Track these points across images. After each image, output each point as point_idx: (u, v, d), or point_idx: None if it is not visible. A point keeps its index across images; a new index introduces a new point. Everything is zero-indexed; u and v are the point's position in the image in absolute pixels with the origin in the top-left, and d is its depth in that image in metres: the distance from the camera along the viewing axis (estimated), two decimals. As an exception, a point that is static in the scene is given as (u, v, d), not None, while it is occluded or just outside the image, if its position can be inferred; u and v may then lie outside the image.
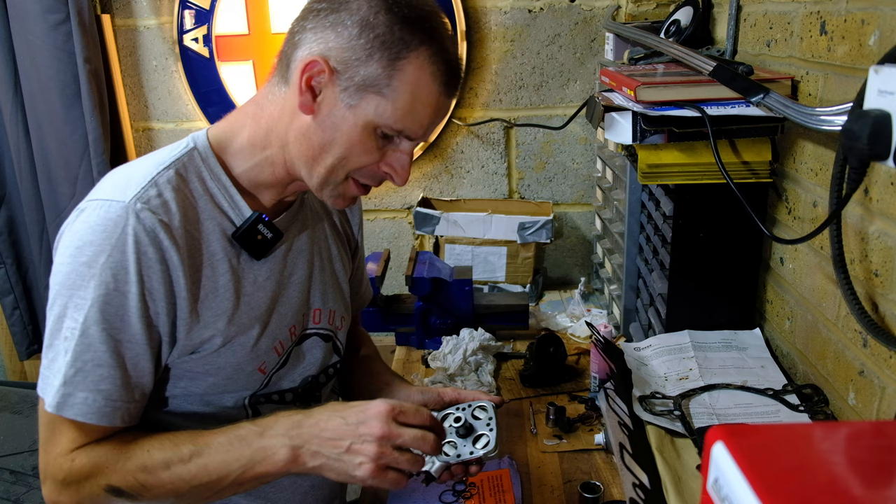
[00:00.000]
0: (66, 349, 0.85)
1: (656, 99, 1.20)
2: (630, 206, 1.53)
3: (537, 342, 1.48)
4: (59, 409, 0.85)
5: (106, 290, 0.84)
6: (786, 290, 1.28)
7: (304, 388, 1.06)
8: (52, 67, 1.89)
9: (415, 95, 0.86)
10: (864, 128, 0.72)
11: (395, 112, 0.86)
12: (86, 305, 0.84)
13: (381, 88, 0.85)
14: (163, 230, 0.86)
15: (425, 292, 1.65)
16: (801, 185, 1.20)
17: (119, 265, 0.84)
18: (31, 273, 2.16)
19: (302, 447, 0.85)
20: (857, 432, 0.56)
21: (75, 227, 0.86)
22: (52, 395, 0.86)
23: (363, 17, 0.84)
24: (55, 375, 0.86)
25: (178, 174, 0.90)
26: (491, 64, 1.99)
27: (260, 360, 0.99)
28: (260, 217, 0.94)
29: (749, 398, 1.17)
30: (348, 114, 0.87)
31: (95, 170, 1.97)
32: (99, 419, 0.86)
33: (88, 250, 0.84)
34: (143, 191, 0.87)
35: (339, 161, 0.90)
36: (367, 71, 0.84)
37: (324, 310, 1.09)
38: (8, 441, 1.87)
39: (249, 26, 1.97)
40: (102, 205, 0.86)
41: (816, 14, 1.12)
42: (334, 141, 0.89)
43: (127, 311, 0.85)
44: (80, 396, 0.85)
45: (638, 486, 1.00)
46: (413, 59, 0.85)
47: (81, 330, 0.84)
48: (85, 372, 0.85)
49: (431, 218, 1.97)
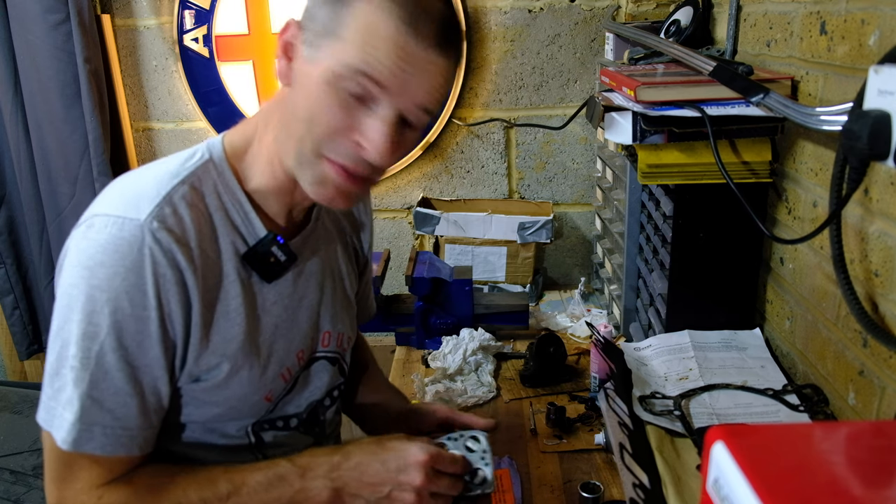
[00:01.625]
0: (78, 379, 0.80)
1: (656, 99, 1.20)
2: (630, 206, 1.53)
3: (537, 342, 1.48)
4: (76, 446, 0.80)
5: (123, 316, 0.79)
6: (786, 290, 1.28)
7: (309, 414, 1.03)
8: (52, 67, 1.89)
9: (369, 30, 0.77)
10: (864, 128, 0.72)
11: (350, 50, 0.77)
12: (101, 332, 0.79)
13: (334, 29, 0.78)
14: (180, 251, 0.81)
15: (425, 292, 1.65)
16: (801, 185, 1.20)
17: (136, 288, 0.79)
18: (31, 273, 2.16)
19: (343, 489, 0.86)
20: (857, 432, 0.56)
21: (84, 245, 0.80)
22: (66, 430, 0.80)
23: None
24: (66, 409, 0.80)
25: (193, 188, 0.85)
26: (491, 64, 1.99)
27: (267, 389, 0.95)
28: (275, 238, 0.90)
29: (749, 398, 1.17)
30: (311, 68, 0.80)
31: (95, 170, 1.97)
32: (117, 450, 0.82)
33: (101, 272, 0.79)
34: (159, 208, 0.81)
35: (306, 129, 0.81)
36: (321, 14, 0.79)
37: (333, 332, 1.04)
38: (8, 441, 1.87)
39: (249, 26, 1.97)
40: (115, 221, 0.80)
41: (816, 14, 1.12)
42: (300, 105, 0.81)
43: (145, 336, 0.81)
44: (98, 430, 0.81)
45: (638, 486, 1.00)
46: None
47: (96, 359, 0.79)
48: (101, 402, 0.80)
49: (431, 218, 1.97)
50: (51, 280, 2.10)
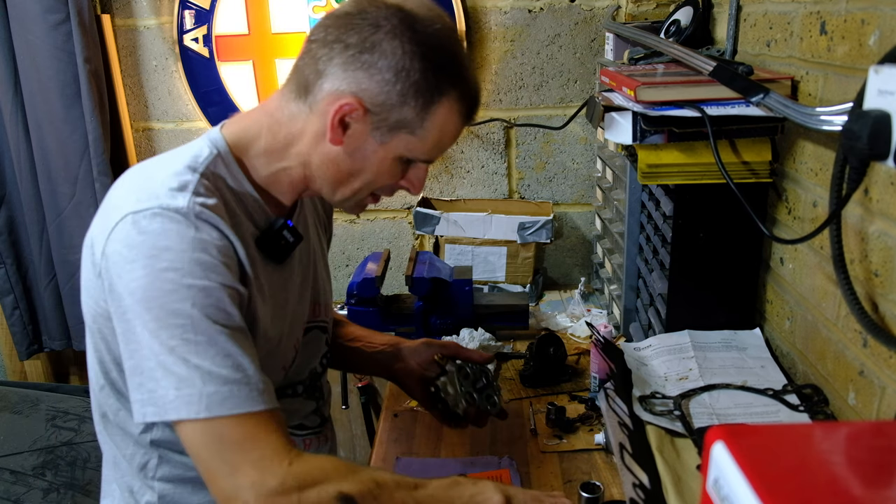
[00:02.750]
0: (185, 355, 0.80)
1: (656, 99, 1.20)
2: (630, 206, 1.53)
3: (537, 342, 1.48)
4: (215, 409, 0.79)
5: (201, 286, 0.81)
6: (786, 290, 1.28)
7: (310, 380, 1.12)
8: (52, 67, 1.89)
9: (443, 132, 0.92)
10: (864, 128, 0.72)
11: (425, 147, 0.92)
12: (186, 307, 0.80)
13: (413, 129, 0.90)
14: (226, 227, 0.87)
15: (425, 292, 1.65)
16: (801, 185, 1.20)
17: (203, 262, 0.82)
18: (31, 273, 2.16)
19: (513, 497, 0.92)
20: (857, 432, 0.56)
21: (139, 241, 0.82)
22: (196, 402, 0.79)
23: (398, 62, 0.86)
24: (186, 385, 0.79)
25: (210, 181, 0.90)
26: (491, 64, 1.99)
27: (285, 359, 1.03)
28: (285, 223, 0.97)
29: (749, 398, 1.17)
30: (379, 149, 0.91)
31: (95, 170, 1.96)
32: (254, 405, 0.81)
33: (167, 255, 0.81)
34: (195, 195, 0.86)
35: (365, 185, 0.95)
36: (400, 114, 0.89)
37: (321, 303, 1.13)
38: (8, 441, 1.87)
39: (249, 26, 1.97)
40: (161, 212, 0.83)
41: (816, 14, 1.12)
42: (363, 170, 0.93)
43: (226, 301, 0.83)
44: (226, 390, 0.80)
45: (638, 486, 1.00)
46: (445, 101, 0.90)
47: (194, 330, 0.80)
48: (217, 366, 0.80)
49: (431, 218, 1.97)
50: (51, 280, 2.10)
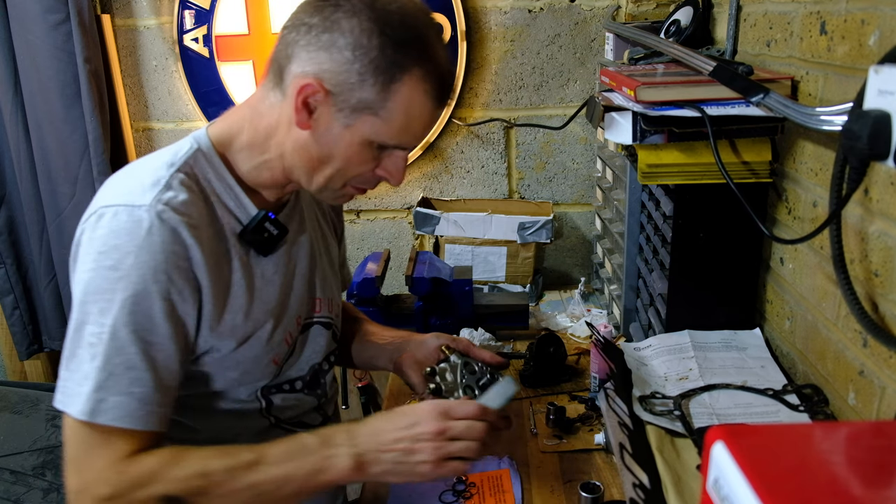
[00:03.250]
0: (94, 354, 0.84)
1: (656, 99, 1.20)
2: (630, 206, 1.53)
3: (537, 342, 1.48)
4: (91, 416, 0.83)
5: (135, 291, 0.84)
6: (786, 290, 1.28)
7: (311, 376, 1.11)
8: (52, 67, 1.89)
9: (409, 114, 0.89)
10: (864, 128, 0.72)
11: (391, 130, 0.90)
12: (114, 308, 0.83)
13: (376, 110, 0.88)
14: (186, 229, 0.86)
15: (425, 292, 1.65)
16: (801, 185, 1.20)
17: (146, 266, 0.84)
18: (31, 273, 2.16)
19: (363, 454, 0.89)
20: (857, 432, 0.56)
21: (96, 234, 0.86)
22: (82, 402, 0.83)
23: (356, 39, 0.84)
24: (81, 383, 0.84)
25: (188, 175, 0.91)
26: (491, 64, 1.99)
27: (274, 353, 1.02)
28: (266, 215, 0.97)
29: (749, 398, 1.17)
30: (345, 132, 0.89)
31: (95, 170, 1.96)
32: (134, 423, 0.84)
33: (114, 254, 0.84)
34: (162, 192, 0.87)
35: (336, 172, 0.94)
36: (361, 94, 0.86)
37: (324, 299, 1.13)
38: (8, 441, 1.87)
39: (249, 26, 1.97)
40: (122, 210, 0.86)
41: (816, 14, 1.12)
42: (332, 155, 0.92)
43: (156, 311, 0.85)
44: (113, 401, 0.83)
45: (638, 486, 1.00)
46: (407, 80, 0.87)
47: (111, 333, 0.83)
48: (117, 376, 0.84)
49: (431, 218, 1.97)
50: (51, 280, 2.10)
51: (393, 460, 0.89)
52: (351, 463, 0.88)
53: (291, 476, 0.87)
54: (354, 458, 0.88)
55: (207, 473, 0.85)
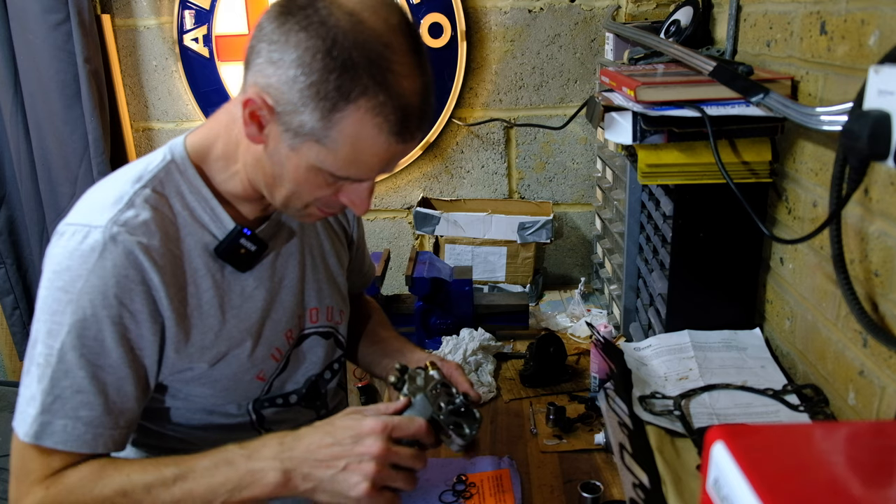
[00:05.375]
0: (41, 376, 0.83)
1: (656, 99, 1.20)
2: (630, 206, 1.53)
3: (537, 342, 1.48)
4: (36, 439, 0.82)
5: (83, 316, 0.82)
6: (786, 290, 1.28)
7: (309, 389, 1.07)
8: (52, 67, 1.89)
9: (357, 147, 0.79)
10: (864, 128, 0.72)
11: (337, 162, 0.81)
12: (62, 331, 0.82)
13: (319, 138, 0.79)
14: (141, 252, 0.84)
15: (425, 292, 1.65)
16: (801, 185, 1.20)
17: (96, 290, 0.82)
18: (31, 273, 2.16)
19: (294, 470, 0.82)
20: (857, 432, 0.56)
21: (54, 252, 0.85)
22: (28, 424, 0.83)
23: (300, 57, 0.75)
24: (29, 403, 0.83)
25: (155, 192, 0.88)
26: (491, 64, 1.99)
27: (257, 369, 0.98)
28: (241, 231, 0.92)
29: (749, 398, 1.17)
30: (291, 154, 0.82)
31: (95, 170, 1.97)
32: (80, 447, 0.84)
33: (65, 276, 0.83)
34: (119, 213, 0.85)
35: (292, 193, 0.87)
36: (302, 119, 0.78)
37: (321, 308, 1.08)
38: (8, 441, 1.87)
39: (249, 26, 1.97)
40: (79, 230, 0.85)
41: (816, 14, 1.12)
42: (283, 176, 0.85)
43: (106, 336, 0.83)
44: (59, 424, 0.83)
45: (638, 486, 1.00)
46: (352, 111, 0.76)
47: (58, 356, 0.82)
48: (64, 399, 0.83)
49: (431, 218, 1.97)
50: (51, 280, 2.10)
51: (327, 478, 0.82)
52: (279, 478, 0.82)
53: (216, 491, 0.82)
54: (283, 473, 0.82)
55: (127, 492, 0.82)
